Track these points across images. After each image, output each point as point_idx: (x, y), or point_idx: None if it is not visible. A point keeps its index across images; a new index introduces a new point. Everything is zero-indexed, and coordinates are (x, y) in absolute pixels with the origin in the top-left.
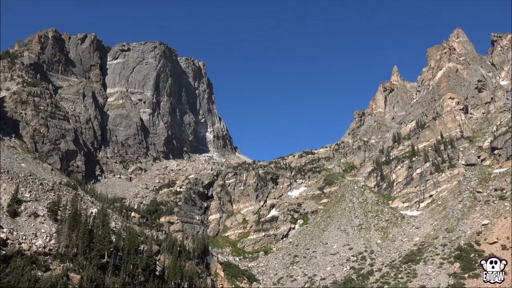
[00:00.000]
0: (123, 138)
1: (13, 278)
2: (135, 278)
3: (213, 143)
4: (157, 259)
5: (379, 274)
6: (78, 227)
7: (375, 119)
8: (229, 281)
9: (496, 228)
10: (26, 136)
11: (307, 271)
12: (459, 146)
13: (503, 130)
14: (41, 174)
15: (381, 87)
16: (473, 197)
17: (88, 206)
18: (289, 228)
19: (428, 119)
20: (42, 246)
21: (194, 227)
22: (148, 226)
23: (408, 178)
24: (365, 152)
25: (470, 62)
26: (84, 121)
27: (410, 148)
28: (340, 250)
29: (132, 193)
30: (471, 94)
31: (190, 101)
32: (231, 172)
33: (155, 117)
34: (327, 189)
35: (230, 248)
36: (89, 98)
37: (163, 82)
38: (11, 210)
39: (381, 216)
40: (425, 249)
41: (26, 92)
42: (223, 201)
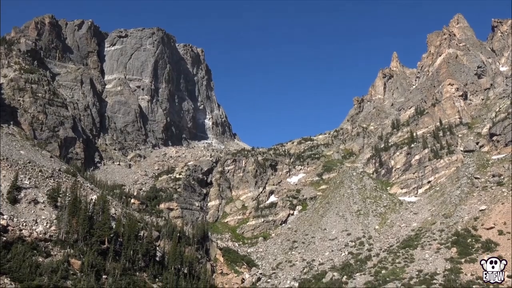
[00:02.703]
0: (122, 125)
1: (14, 263)
2: (136, 264)
3: (212, 130)
4: (157, 245)
5: (377, 259)
6: (78, 214)
7: (374, 106)
8: (228, 266)
9: (493, 214)
10: (24, 123)
11: (305, 256)
12: (458, 133)
13: (502, 116)
14: (40, 161)
15: (381, 74)
16: (471, 183)
17: (87, 193)
18: (288, 214)
19: (427, 105)
20: (42, 232)
21: (193, 213)
22: (148, 213)
23: (406, 164)
24: (364, 138)
25: (470, 48)
26: (83, 108)
27: (409, 134)
28: (339, 235)
29: (132, 180)
30: (471, 80)
31: (188, 88)
32: (230, 159)
33: (153, 104)
34: (326, 175)
35: (230, 234)
36: (87, 85)
37: (162, 69)
38: (11, 197)
39: (379, 202)
40: (423, 234)
41: (23, 79)
42: (222, 188)
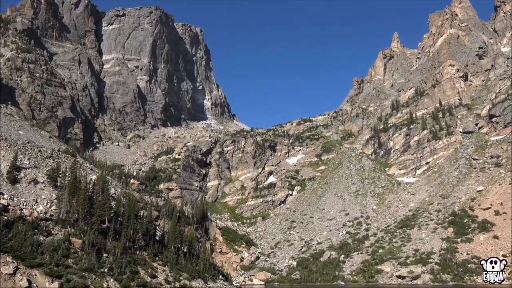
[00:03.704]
0: (121, 106)
1: (15, 242)
2: (136, 243)
3: (211, 111)
4: (157, 225)
5: (374, 239)
6: (78, 194)
7: (374, 87)
8: (227, 245)
9: (491, 195)
10: (22, 104)
11: (304, 235)
12: (457, 114)
13: (502, 97)
14: (39, 142)
15: (381, 54)
16: (469, 164)
17: (87, 173)
18: (286, 194)
19: (427, 86)
20: (43, 212)
21: (193, 194)
22: (147, 193)
23: (405, 145)
24: (363, 119)
25: (472, 28)
26: (81, 88)
27: (408, 115)
28: (337, 215)
29: (131, 160)
30: (472, 61)
31: (187, 68)
32: (229, 140)
33: (152, 84)
34: (325, 156)
35: (229, 214)
36: (84, 65)
37: (160, 49)
38: (10, 177)
39: (377, 182)
40: (420, 214)
41: (20, 58)
42: (221, 168)
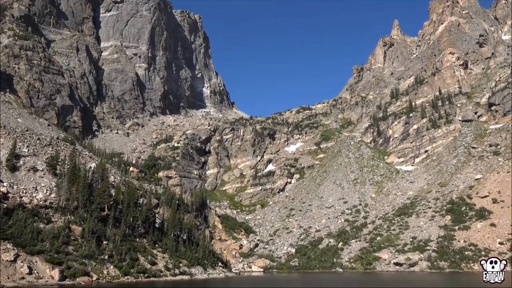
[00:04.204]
0: (119, 93)
1: (16, 230)
2: (135, 230)
3: (210, 99)
4: (156, 212)
5: (372, 226)
6: (77, 181)
7: (373, 75)
8: (226, 233)
9: (488, 183)
10: (20, 91)
11: (302, 223)
12: (456, 102)
13: (501, 86)
14: (38, 129)
15: (381, 42)
16: (467, 152)
17: (86, 161)
18: (285, 182)
19: (427, 74)
20: (42, 199)
21: (192, 182)
22: (147, 181)
23: (404, 133)
24: (363, 107)
25: (473, 15)
26: (79, 76)
27: (407, 104)
28: (335, 203)
29: (130, 148)
30: (472, 49)
31: (186, 56)
32: (228, 128)
33: (151, 72)
34: (324, 144)
35: (228, 202)
36: (83, 52)
37: (158, 36)
38: (10, 165)
39: (376, 171)
40: (418, 202)
41: (18, 45)
42: (220, 156)
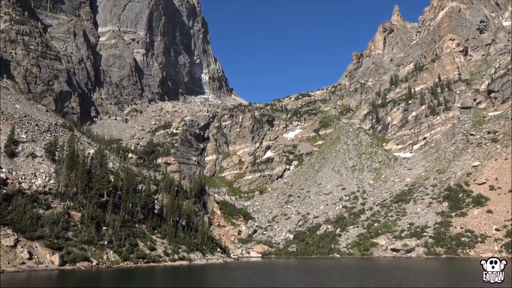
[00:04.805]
0: (117, 79)
1: (15, 215)
2: (135, 216)
3: (208, 85)
4: (155, 198)
5: (370, 213)
6: (76, 167)
7: (373, 61)
8: (225, 219)
9: (486, 170)
10: (18, 77)
11: (300, 209)
12: (456, 89)
13: (501, 72)
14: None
15: (381, 28)
16: (466, 139)
17: (85, 147)
18: (284, 169)
19: (427, 61)
20: (41, 185)
21: (190, 168)
22: (145, 167)
23: (403, 120)
24: (362, 94)
25: (474, 1)
26: (77, 62)
27: (407, 90)
28: (333, 190)
29: (129, 135)
30: (472, 35)
31: (184, 41)
32: (227, 114)
33: (149, 57)
34: (323, 131)
35: (226, 188)
36: (80, 37)
37: (156, 21)
38: (8, 151)
39: (374, 157)
40: (416, 189)
41: (14, 30)
42: (219, 143)
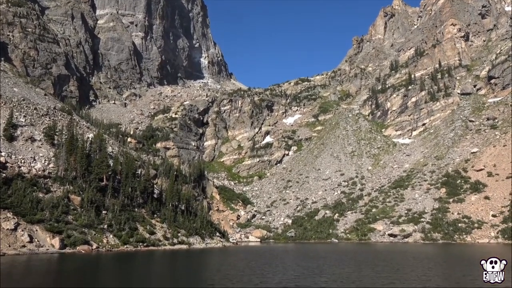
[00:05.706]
0: (116, 63)
1: (15, 199)
2: (134, 200)
3: (207, 69)
4: (155, 183)
5: (368, 198)
6: (75, 152)
7: (373, 46)
8: (224, 204)
9: (484, 156)
10: (16, 60)
11: (299, 195)
12: (456, 75)
13: (502, 58)
14: (35, 99)
15: (382, 12)
16: (465, 126)
17: (84, 131)
18: (283, 154)
19: (428, 46)
20: (41, 169)
21: (190, 153)
22: (145, 151)
23: (402, 106)
24: (362, 80)
25: None
26: (75, 45)
27: (407, 76)
28: (332, 175)
29: (128, 119)
30: (474, 20)
31: (183, 25)
32: (226, 99)
33: (147, 41)
34: (322, 116)
35: (226, 173)
36: (78, 20)
37: (155, 4)
38: (7, 135)
39: (373, 143)
40: (414, 175)
41: (11, 12)
42: (218, 128)
